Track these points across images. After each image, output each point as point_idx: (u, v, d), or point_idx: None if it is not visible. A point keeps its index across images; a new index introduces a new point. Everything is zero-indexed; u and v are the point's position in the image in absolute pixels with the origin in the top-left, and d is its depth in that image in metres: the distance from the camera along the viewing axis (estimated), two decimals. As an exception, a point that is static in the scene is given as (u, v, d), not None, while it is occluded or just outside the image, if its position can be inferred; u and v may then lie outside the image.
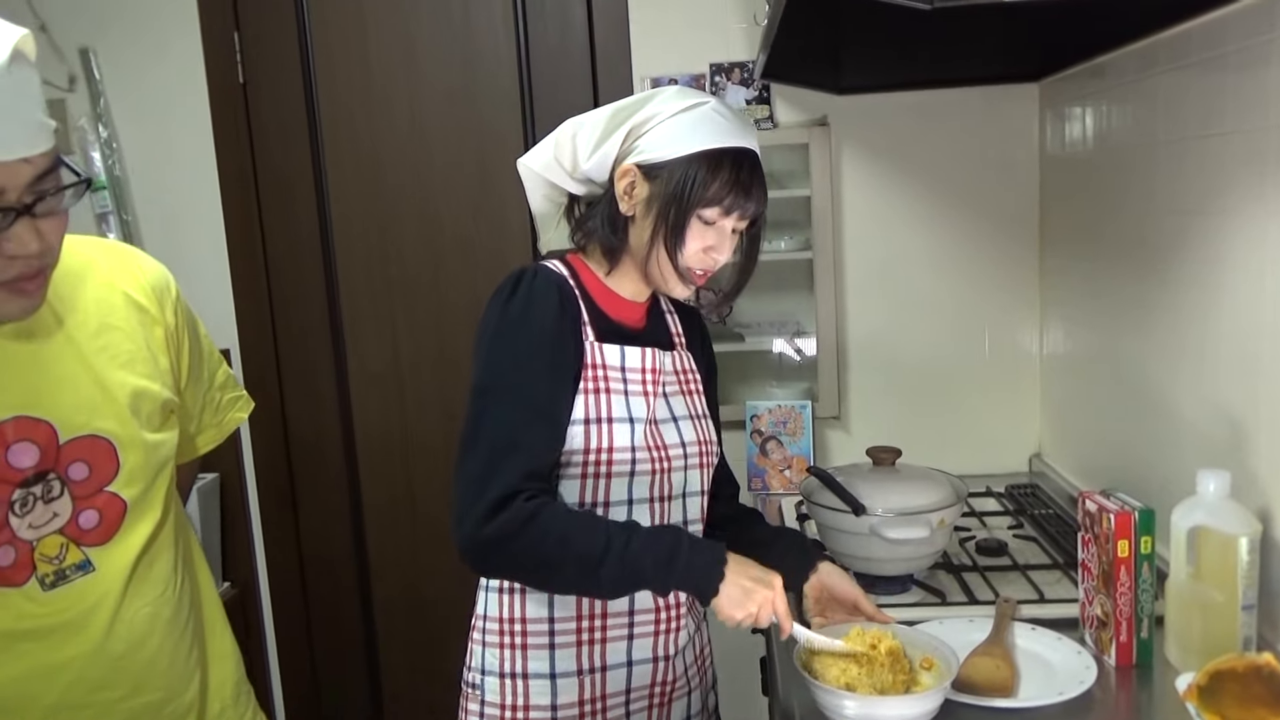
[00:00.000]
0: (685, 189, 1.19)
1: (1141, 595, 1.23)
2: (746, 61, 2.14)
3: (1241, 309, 1.31)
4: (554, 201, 1.35)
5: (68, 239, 1.04)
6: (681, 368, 1.35)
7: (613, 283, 1.29)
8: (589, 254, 1.31)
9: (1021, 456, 2.20)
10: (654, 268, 1.24)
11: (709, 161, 1.19)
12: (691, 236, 1.21)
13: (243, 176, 2.33)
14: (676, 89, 1.25)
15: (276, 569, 2.45)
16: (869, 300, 2.19)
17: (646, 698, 1.31)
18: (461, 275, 2.35)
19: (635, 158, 1.21)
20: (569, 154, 1.27)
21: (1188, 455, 1.45)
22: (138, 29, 2.26)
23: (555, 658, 1.26)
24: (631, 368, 1.26)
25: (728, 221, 1.22)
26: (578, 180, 1.29)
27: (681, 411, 1.32)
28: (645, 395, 1.27)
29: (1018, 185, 2.13)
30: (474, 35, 2.27)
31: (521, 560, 1.13)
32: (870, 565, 1.50)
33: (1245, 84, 1.26)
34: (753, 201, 1.22)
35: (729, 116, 1.23)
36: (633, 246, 1.25)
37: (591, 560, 1.10)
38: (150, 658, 1.12)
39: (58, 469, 1.03)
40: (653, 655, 1.31)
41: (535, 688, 1.26)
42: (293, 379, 2.41)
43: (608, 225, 1.25)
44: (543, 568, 1.14)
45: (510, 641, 1.27)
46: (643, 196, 1.22)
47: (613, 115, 1.24)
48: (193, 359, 1.21)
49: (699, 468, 1.33)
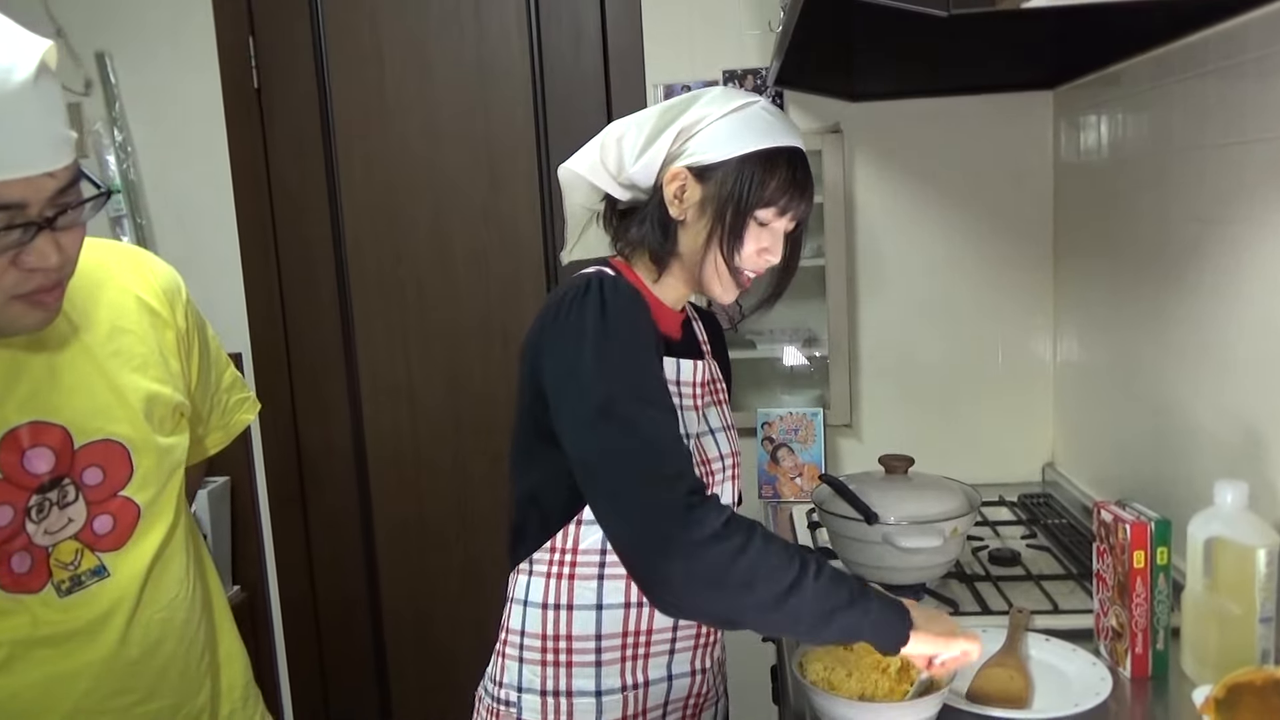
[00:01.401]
0: (742, 190, 1.16)
1: (1157, 607, 1.21)
2: (760, 68, 2.14)
3: (1260, 318, 1.30)
4: (589, 210, 1.32)
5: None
6: (712, 377, 1.33)
7: (658, 290, 1.26)
8: (633, 262, 1.27)
9: (1035, 465, 2.18)
10: (709, 271, 1.21)
11: (764, 162, 1.17)
12: (748, 239, 1.19)
13: (256, 183, 2.34)
14: (721, 89, 1.23)
15: (286, 573, 2.45)
16: (881, 307, 2.19)
17: (681, 709, 1.30)
18: (473, 286, 2.35)
19: (686, 160, 1.19)
20: (614, 157, 1.23)
21: (1204, 465, 1.44)
22: (154, 34, 2.28)
23: (601, 675, 1.23)
24: (685, 381, 1.23)
25: (781, 223, 1.21)
26: (623, 184, 1.25)
27: (716, 423, 1.30)
28: (696, 409, 1.25)
29: (1032, 193, 2.12)
30: (487, 44, 2.28)
31: (729, 569, 1.02)
32: (882, 574, 1.49)
33: (1266, 92, 1.25)
34: (805, 201, 1.21)
35: (778, 115, 1.21)
36: (684, 251, 1.22)
37: (788, 581, 1.03)
38: (164, 663, 1.12)
39: (72, 474, 1.03)
40: (690, 669, 1.29)
41: (580, 706, 1.23)
42: (304, 385, 2.42)
43: (658, 230, 1.22)
44: (744, 581, 1.03)
45: (554, 659, 1.23)
46: (695, 200, 1.19)
47: (660, 116, 1.21)
48: (202, 361, 1.21)
49: (731, 479, 1.31)
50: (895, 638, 1.09)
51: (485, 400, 2.37)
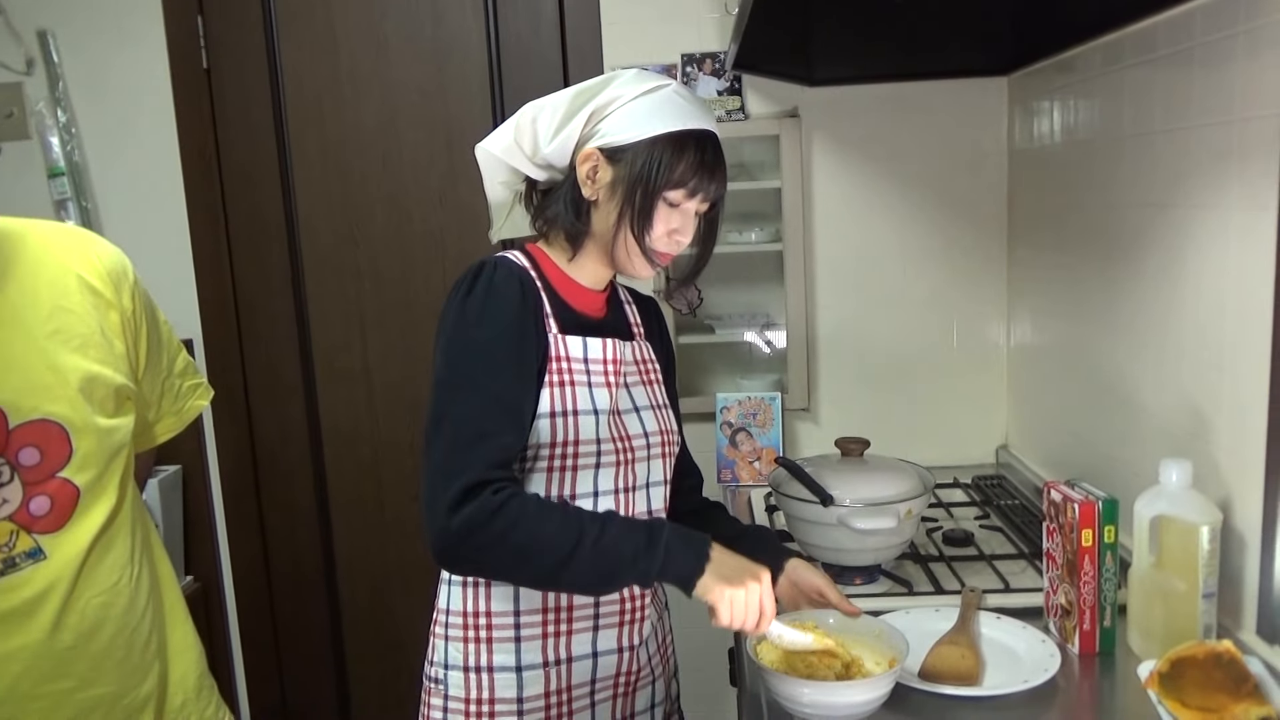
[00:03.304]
0: (651, 172, 1.18)
1: (1105, 584, 1.24)
2: (718, 52, 2.14)
3: (1204, 301, 1.32)
4: (510, 189, 1.34)
5: (21, 222, 1.02)
6: (641, 357, 1.35)
7: (574, 270, 1.29)
8: (550, 241, 1.30)
9: (988, 448, 2.21)
10: (620, 251, 1.23)
11: (673, 144, 1.19)
12: (658, 219, 1.21)
13: (206, 165, 2.29)
14: (635, 72, 1.25)
15: (240, 563, 2.41)
16: (839, 292, 2.20)
17: (611, 687, 1.31)
18: (430, 267, 2.33)
19: (598, 141, 1.21)
20: (529, 138, 1.26)
21: (1151, 445, 1.47)
22: (98, 11, 2.22)
23: (521, 650, 1.25)
24: (594, 359, 1.25)
25: (691, 204, 1.23)
26: (538, 165, 1.28)
27: (643, 401, 1.32)
28: (608, 386, 1.26)
29: (987, 178, 2.14)
30: (444, 25, 2.25)
31: (492, 552, 1.10)
32: (838, 556, 1.50)
33: (1210, 78, 1.27)
34: (715, 183, 1.23)
35: (690, 99, 1.23)
36: (597, 231, 1.25)
37: (566, 549, 1.08)
38: (103, 649, 1.10)
39: (7, 454, 1.01)
40: (618, 646, 1.30)
41: (500, 681, 1.25)
42: (257, 370, 2.38)
43: (571, 210, 1.25)
44: (514, 560, 1.10)
45: (475, 636, 1.26)
46: (606, 180, 1.22)
47: (574, 98, 1.23)
48: (150, 345, 1.19)
49: (661, 457, 1.33)
50: (688, 575, 1.11)
51: (443, 386, 2.35)
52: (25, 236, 1.06)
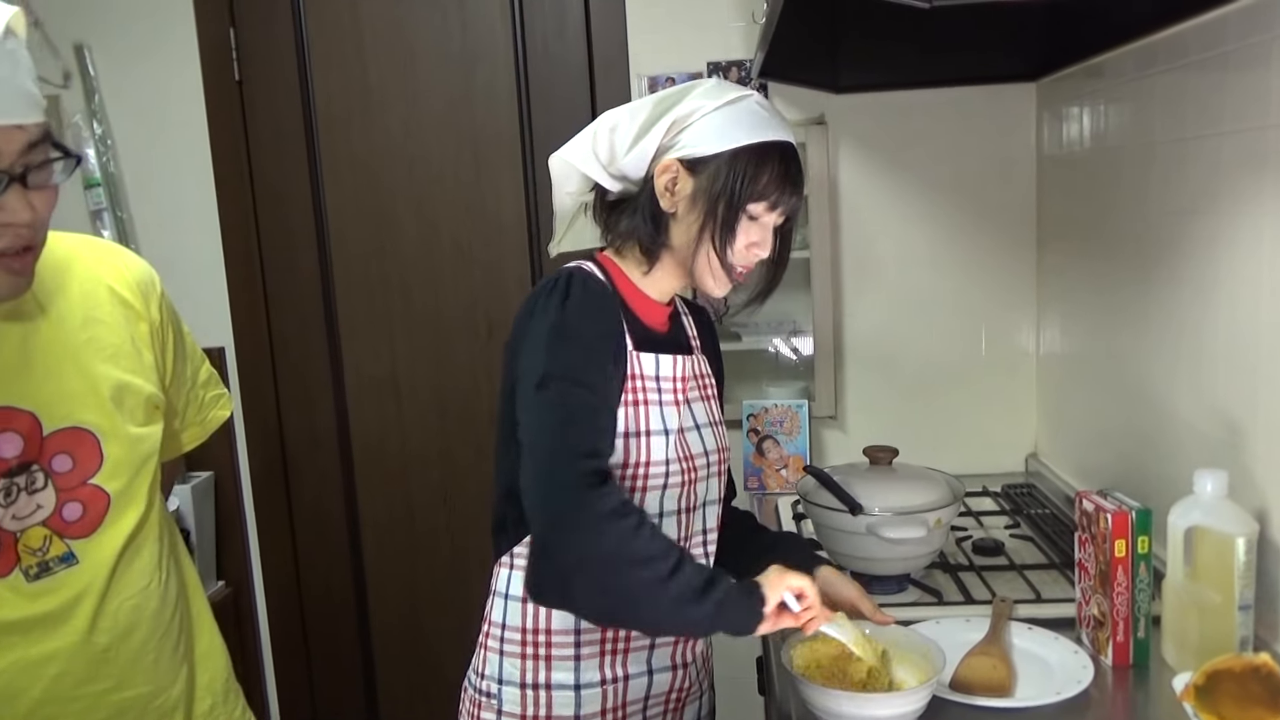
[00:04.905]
0: (735, 184, 1.16)
1: (1138, 595, 1.23)
2: (744, 60, 2.14)
3: (1239, 308, 1.30)
4: (577, 200, 1.31)
5: (52, 234, 1.04)
6: (700, 372, 1.33)
7: (647, 283, 1.26)
8: (623, 254, 1.26)
9: (1018, 456, 2.20)
10: (701, 265, 1.21)
11: (755, 156, 1.17)
12: (739, 232, 1.19)
13: (238, 176, 2.32)
14: (715, 82, 1.22)
15: (271, 568, 2.44)
16: (866, 299, 2.19)
17: (663, 703, 1.30)
18: (458, 276, 2.34)
19: (678, 152, 1.18)
20: (606, 147, 1.22)
21: (1185, 455, 1.45)
22: (133, 26, 2.25)
23: (580, 669, 1.23)
24: (665, 376, 1.23)
25: (771, 217, 1.21)
26: (613, 175, 1.24)
27: (703, 419, 1.30)
28: (676, 404, 1.24)
29: (1015, 184, 2.13)
30: (471, 36, 2.26)
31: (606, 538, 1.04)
32: (867, 565, 1.50)
33: (1244, 84, 1.26)
34: (796, 195, 1.21)
35: (770, 110, 1.21)
36: (674, 244, 1.22)
37: (664, 572, 1.04)
38: (136, 651, 1.12)
39: (41, 460, 1.03)
40: (672, 663, 1.29)
41: (559, 699, 1.23)
42: (288, 378, 2.40)
43: (649, 222, 1.21)
44: (616, 561, 1.05)
45: (534, 653, 1.24)
46: (686, 192, 1.19)
47: (653, 108, 1.20)
48: (176, 356, 1.21)
49: (718, 475, 1.31)
50: (748, 622, 1.09)
51: (470, 391, 2.37)
52: (56, 248, 1.08)
